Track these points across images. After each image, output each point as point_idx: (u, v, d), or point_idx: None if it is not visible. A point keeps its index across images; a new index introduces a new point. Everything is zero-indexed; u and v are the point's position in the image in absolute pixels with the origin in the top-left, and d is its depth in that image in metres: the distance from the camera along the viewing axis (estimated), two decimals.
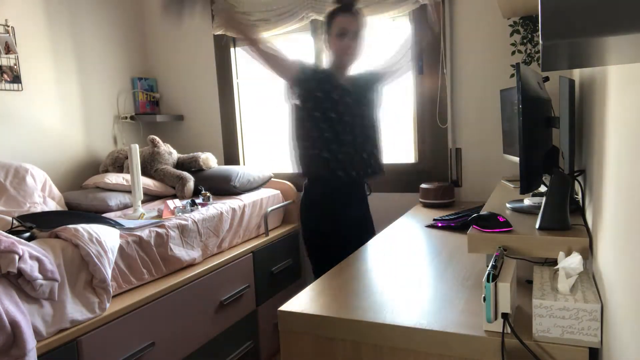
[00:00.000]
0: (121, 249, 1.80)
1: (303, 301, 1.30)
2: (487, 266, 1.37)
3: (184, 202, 2.39)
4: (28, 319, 1.38)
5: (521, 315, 1.12)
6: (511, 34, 2.34)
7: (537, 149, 1.28)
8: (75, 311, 1.56)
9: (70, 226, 1.66)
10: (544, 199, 1.24)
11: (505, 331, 1.03)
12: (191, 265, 2.13)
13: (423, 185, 2.51)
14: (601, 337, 0.96)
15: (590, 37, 0.43)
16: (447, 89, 2.55)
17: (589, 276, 1.11)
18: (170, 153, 2.93)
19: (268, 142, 3.26)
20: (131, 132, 3.24)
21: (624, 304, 0.74)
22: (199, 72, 3.23)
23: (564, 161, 1.32)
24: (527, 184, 1.22)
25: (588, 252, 1.13)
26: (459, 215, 2.07)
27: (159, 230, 1.99)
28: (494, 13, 2.42)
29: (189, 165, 2.91)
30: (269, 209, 2.69)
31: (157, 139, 2.89)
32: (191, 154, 2.97)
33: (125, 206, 2.49)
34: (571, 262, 1.05)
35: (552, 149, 1.42)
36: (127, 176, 2.58)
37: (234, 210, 2.45)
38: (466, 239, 1.30)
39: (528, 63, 2.33)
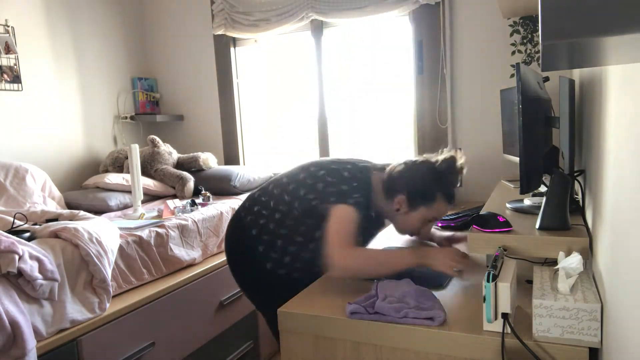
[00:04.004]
0: (121, 249, 1.80)
1: (303, 301, 1.30)
2: (487, 266, 1.37)
3: (184, 202, 2.39)
4: (28, 319, 1.38)
5: (521, 315, 1.12)
6: (511, 34, 2.34)
7: (537, 149, 1.28)
8: (75, 311, 1.56)
9: (70, 226, 1.66)
10: (544, 199, 1.24)
11: (505, 331, 1.03)
12: (191, 265, 2.13)
13: None
14: (601, 337, 0.96)
15: (590, 37, 0.43)
16: (447, 89, 2.55)
17: (589, 276, 1.11)
18: (170, 153, 2.93)
19: (268, 142, 3.26)
20: (131, 132, 3.24)
21: (623, 304, 0.74)
22: (199, 72, 3.23)
23: (564, 161, 1.32)
24: (527, 184, 1.22)
25: (588, 252, 1.13)
26: (459, 215, 2.07)
27: (159, 230, 1.99)
28: (494, 13, 2.42)
29: (189, 165, 2.91)
30: None
31: (157, 139, 2.89)
32: (191, 154, 2.97)
33: (125, 206, 2.49)
34: (571, 262, 1.05)
35: (552, 149, 1.42)
36: (127, 176, 2.58)
37: (234, 210, 2.45)
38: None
39: (528, 63, 2.33)
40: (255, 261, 1.58)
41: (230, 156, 3.22)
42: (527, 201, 1.54)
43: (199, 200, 2.51)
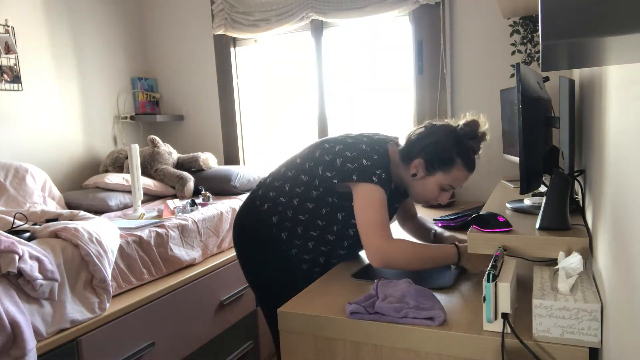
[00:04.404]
0: (121, 249, 1.80)
1: (303, 301, 1.30)
2: (487, 266, 1.37)
3: (184, 202, 2.39)
4: (28, 319, 1.38)
5: (521, 315, 1.12)
6: (511, 34, 2.34)
7: (537, 149, 1.28)
8: (75, 311, 1.56)
9: (70, 226, 1.66)
10: (544, 199, 1.24)
11: (505, 331, 1.03)
12: (191, 265, 2.13)
13: None
14: (601, 337, 0.96)
15: (590, 37, 0.43)
16: (447, 89, 2.55)
17: (589, 276, 1.11)
18: (170, 153, 2.93)
19: (268, 142, 3.26)
20: (131, 132, 3.24)
21: (623, 304, 0.74)
22: (199, 72, 3.23)
23: (564, 161, 1.32)
24: (527, 184, 1.22)
25: (588, 252, 1.13)
26: (459, 215, 2.07)
27: (159, 230, 1.99)
28: (494, 13, 2.42)
29: (189, 165, 2.91)
30: None
31: (157, 139, 2.89)
32: (191, 154, 2.97)
33: (125, 206, 2.49)
34: (571, 262, 1.05)
35: (552, 149, 1.42)
36: (127, 176, 2.58)
37: (234, 210, 2.45)
38: (466, 239, 1.30)
39: (528, 63, 2.33)
40: (279, 249, 1.54)
41: (230, 156, 3.22)
42: (527, 201, 1.54)
43: (199, 200, 2.51)
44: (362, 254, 1.67)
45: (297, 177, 1.50)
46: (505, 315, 1.03)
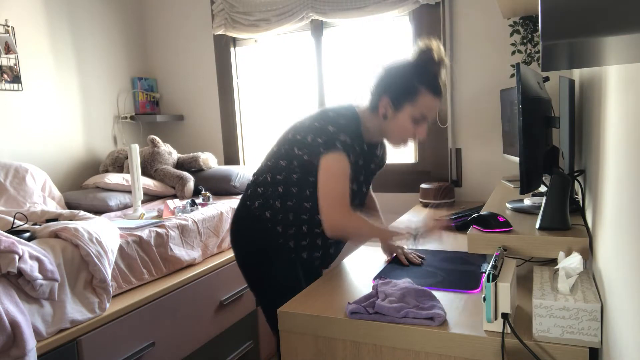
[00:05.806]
0: (121, 249, 1.80)
1: (303, 301, 1.30)
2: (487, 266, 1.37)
3: (184, 202, 2.39)
4: (28, 319, 1.38)
5: (521, 315, 1.12)
6: (511, 34, 2.34)
7: (537, 149, 1.28)
8: (75, 311, 1.56)
9: (70, 226, 1.66)
10: (544, 199, 1.24)
11: (505, 331, 1.03)
12: (191, 265, 2.13)
13: (423, 185, 2.50)
14: (601, 337, 0.96)
15: (590, 37, 0.43)
16: (447, 89, 2.55)
17: (589, 276, 1.11)
18: (170, 153, 2.93)
19: (268, 142, 3.26)
20: (131, 132, 3.24)
21: (623, 304, 0.74)
22: (199, 72, 3.23)
23: (564, 161, 1.32)
24: (527, 184, 1.22)
25: (588, 252, 1.13)
26: (459, 215, 2.07)
27: (159, 230, 1.99)
28: (494, 13, 2.42)
29: (189, 165, 2.91)
30: None
31: (157, 139, 2.89)
32: (191, 154, 2.97)
33: (125, 206, 2.49)
34: (571, 262, 1.05)
35: (552, 149, 1.42)
36: (127, 176, 2.58)
37: (234, 210, 2.45)
38: (466, 239, 1.30)
39: (528, 63, 2.33)
40: (277, 244, 1.53)
41: (230, 156, 3.22)
42: (527, 201, 1.54)
43: (199, 200, 2.51)
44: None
45: (277, 165, 1.52)
46: (505, 315, 1.03)
